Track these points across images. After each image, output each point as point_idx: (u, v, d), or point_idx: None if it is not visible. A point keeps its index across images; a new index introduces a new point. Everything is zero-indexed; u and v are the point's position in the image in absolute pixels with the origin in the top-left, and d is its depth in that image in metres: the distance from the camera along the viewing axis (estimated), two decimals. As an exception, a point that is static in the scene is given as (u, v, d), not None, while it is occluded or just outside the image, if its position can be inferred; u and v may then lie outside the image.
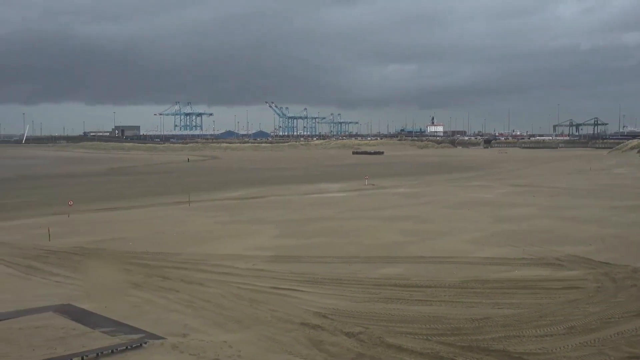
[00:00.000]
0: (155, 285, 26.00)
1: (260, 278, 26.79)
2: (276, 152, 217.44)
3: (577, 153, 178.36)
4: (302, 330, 19.54)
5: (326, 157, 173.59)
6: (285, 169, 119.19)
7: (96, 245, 35.71)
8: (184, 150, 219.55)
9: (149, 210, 52.93)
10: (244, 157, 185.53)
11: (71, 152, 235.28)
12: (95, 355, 17.30)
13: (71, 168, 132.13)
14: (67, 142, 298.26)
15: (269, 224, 42.28)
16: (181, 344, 18.26)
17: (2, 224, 46.05)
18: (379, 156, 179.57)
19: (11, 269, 29.84)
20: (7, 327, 20.10)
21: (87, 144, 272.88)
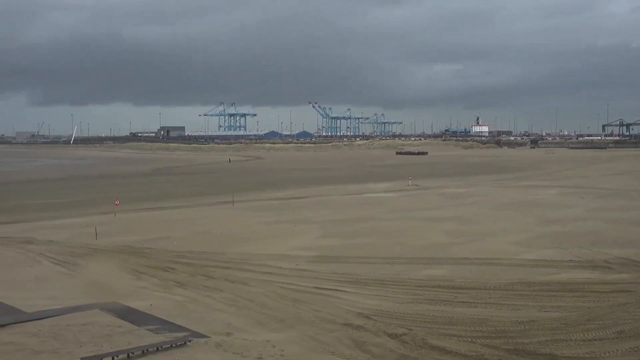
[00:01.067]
0: (199, 284, 26.23)
1: (303, 278, 26.80)
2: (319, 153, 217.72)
3: (628, 153, 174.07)
4: (345, 331, 19.47)
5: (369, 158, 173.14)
6: (328, 170, 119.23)
7: (141, 244, 36.21)
8: (227, 151, 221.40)
9: (194, 210, 53.47)
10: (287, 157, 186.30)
11: (117, 152, 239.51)
12: (140, 353, 17.51)
13: (117, 168, 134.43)
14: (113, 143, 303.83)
15: (312, 224, 42.31)
16: (225, 343, 18.36)
17: (52, 223, 47.09)
18: (423, 156, 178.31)
19: (60, 267, 30.45)
20: (55, 324, 20.50)
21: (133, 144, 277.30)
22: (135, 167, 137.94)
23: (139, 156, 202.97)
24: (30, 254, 33.83)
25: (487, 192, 64.88)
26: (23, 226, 45.41)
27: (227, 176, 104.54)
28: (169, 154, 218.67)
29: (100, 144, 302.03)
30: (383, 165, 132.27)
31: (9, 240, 38.08)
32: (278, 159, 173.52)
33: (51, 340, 18.84)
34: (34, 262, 31.79)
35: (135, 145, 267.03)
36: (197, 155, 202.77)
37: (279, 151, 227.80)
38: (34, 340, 18.81)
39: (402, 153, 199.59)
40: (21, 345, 18.44)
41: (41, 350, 17.94)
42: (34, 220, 48.74)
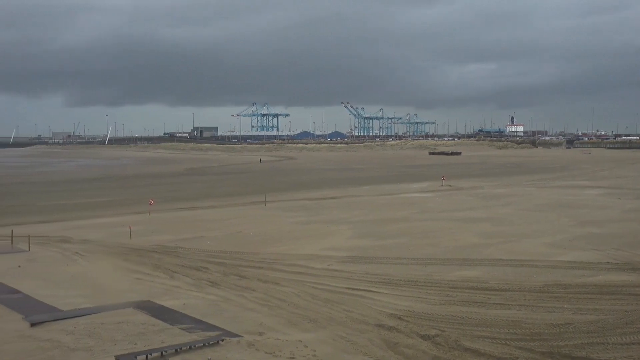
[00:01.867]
0: (232, 283, 26.36)
1: (335, 278, 26.77)
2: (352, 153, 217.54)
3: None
4: (377, 332, 19.39)
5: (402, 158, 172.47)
6: (360, 170, 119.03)
7: (175, 243, 36.52)
8: (260, 151, 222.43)
9: (226, 210, 53.79)
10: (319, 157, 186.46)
11: (151, 152, 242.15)
12: (174, 351, 17.64)
13: (151, 168, 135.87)
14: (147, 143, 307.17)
15: (344, 225, 42.27)
16: (257, 342, 18.41)
17: (87, 222, 47.77)
18: (456, 157, 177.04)
19: (95, 266, 30.83)
20: (91, 322, 20.78)
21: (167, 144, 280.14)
22: (168, 167, 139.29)
23: (172, 156, 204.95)
24: (66, 252, 34.36)
25: (521, 192, 64.15)
26: (59, 225, 46.14)
27: (259, 176, 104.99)
28: (202, 154, 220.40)
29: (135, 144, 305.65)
30: (416, 166, 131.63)
31: (46, 239, 38.71)
32: (310, 159, 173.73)
33: (86, 338, 19.10)
34: (69, 260, 32.27)
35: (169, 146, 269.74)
36: (229, 156, 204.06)
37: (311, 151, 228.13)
38: (69, 338, 19.09)
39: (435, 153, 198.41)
40: (57, 342, 18.72)
41: (77, 347, 18.19)
42: (70, 220, 49.52)
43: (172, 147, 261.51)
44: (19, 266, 30.75)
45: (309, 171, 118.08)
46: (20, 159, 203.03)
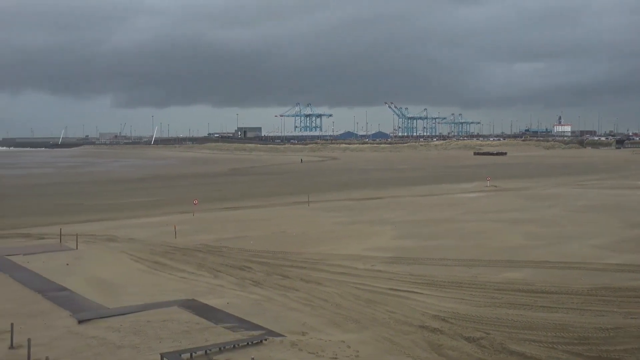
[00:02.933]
0: (275, 283, 26.44)
1: (378, 279, 26.64)
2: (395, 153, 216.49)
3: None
4: (420, 333, 19.23)
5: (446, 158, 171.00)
6: (404, 170, 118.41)
7: (219, 243, 36.82)
8: (303, 151, 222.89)
9: (270, 210, 54.04)
10: (362, 158, 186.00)
11: (196, 152, 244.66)
12: (217, 350, 17.75)
13: (196, 168, 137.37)
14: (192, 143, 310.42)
15: (388, 225, 42.05)
16: (300, 342, 18.41)
17: (133, 221, 48.52)
18: (502, 157, 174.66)
19: (140, 265, 31.30)
20: (137, 320, 21.06)
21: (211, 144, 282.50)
22: (213, 167, 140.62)
23: (216, 156, 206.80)
24: (113, 251, 34.95)
25: (569, 193, 62.95)
26: (106, 224, 46.96)
27: (302, 176, 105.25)
28: (245, 154, 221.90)
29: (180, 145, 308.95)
30: (460, 166, 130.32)
31: (93, 238, 39.43)
32: (354, 160, 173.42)
33: (132, 335, 19.36)
34: (115, 259, 32.80)
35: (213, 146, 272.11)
36: (273, 156, 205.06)
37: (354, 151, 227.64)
38: (116, 335, 19.38)
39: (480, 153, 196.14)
40: (104, 339, 19.02)
41: (123, 345, 18.45)
42: (117, 219, 50.36)
43: (216, 148, 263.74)
44: (67, 264, 31.38)
45: (352, 171, 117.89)
46: (68, 159, 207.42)
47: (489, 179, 78.46)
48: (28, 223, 48.97)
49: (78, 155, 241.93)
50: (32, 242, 39.19)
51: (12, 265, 31.28)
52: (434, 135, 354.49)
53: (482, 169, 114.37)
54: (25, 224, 48.24)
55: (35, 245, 37.64)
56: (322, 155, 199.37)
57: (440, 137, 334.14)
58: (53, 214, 54.70)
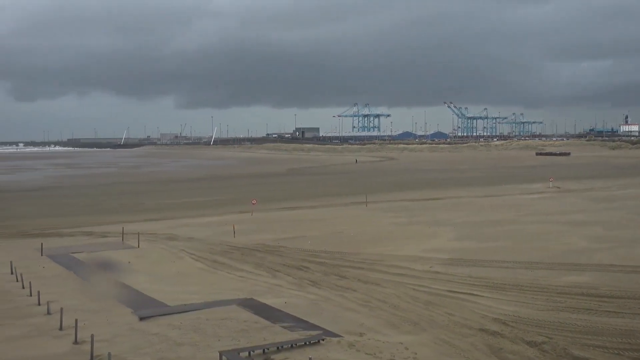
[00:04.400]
0: (332, 283, 26.42)
1: (437, 281, 26.33)
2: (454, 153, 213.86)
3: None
4: (480, 336, 18.90)
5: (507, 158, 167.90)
6: (463, 171, 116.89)
7: (277, 242, 37.02)
8: (361, 152, 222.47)
9: (327, 210, 54.07)
10: (421, 158, 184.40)
11: (254, 153, 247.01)
12: (275, 349, 17.83)
13: (254, 168, 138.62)
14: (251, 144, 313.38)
15: (447, 226, 41.53)
16: (357, 343, 18.33)
17: (193, 220, 49.23)
18: (565, 157, 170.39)
19: (200, 263, 31.73)
20: (196, 318, 21.34)
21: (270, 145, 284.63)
22: (271, 167, 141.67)
23: (275, 156, 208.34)
24: (173, 250, 35.52)
25: (636, 195, 60.96)
26: (167, 223, 47.78)
27: (360, 177, 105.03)
28: (303, 154, 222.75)
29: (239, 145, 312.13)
30: (522, 167, 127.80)
31: (154, 237, 40.17)
32: (412, 160, 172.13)
33: (192, 333, 19.63)
34: (176, 258, 33.34)
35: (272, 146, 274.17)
36: (330, 156, 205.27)
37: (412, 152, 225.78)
38: (176, 333, 19.67)
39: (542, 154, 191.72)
40: (165, 336, 19.33)
41: (182, 342, 18.71)
42: (177, 218, 51.19)
43: (274, 148, 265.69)
44: (129, 262, 32.06)
45: (410, 172, 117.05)
46: (130, 159, 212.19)
47: (551, 179, 76.61)
48: (91, 221, 50.26)
49: (139, 155, 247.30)
50: (95, 240, 40.19)
51: (77, 263, 32.14)
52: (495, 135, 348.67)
53: (544, 169, 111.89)
54: (89, 223, 49.53)
55: (98, 244, 38.60)
56: (380, 156, 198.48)
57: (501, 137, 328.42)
58: (115, 213, 56.03)
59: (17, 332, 20.23)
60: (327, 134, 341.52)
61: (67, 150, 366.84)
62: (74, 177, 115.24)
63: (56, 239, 40.78)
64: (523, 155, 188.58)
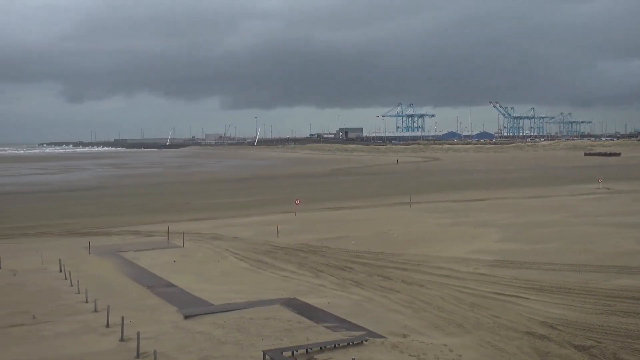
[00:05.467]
0: (376, 284, 26.28)
1: (482, 282, 25.98)
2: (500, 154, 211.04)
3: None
4: (527, 340, 18.56)
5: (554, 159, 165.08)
6: (509, 171, 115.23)
7: (320, 243, 37.01)
8: (405, 152, 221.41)
9: (371, 211, 53.86)
10: (466, 158, 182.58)
11: (298, 153, 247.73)
12: (319, 349, 17.81)
13: (298, 169, 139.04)
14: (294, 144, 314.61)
15: (492, 228, 40.97)
16: (401, 344, 18.19)
17: (238, 220, 49.57)
18: (615, 158, 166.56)
19: (244, 263, 31.91)
20: (240, 317, 21.45)
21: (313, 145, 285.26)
22: (314, 167, 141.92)
23: (318, 157, 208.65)
24: (217, 249, 35.81)
25: (688, 196, 59.25)
26: (211, 223, 48.20)
27: (404, 177, 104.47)
28: (347, 154, 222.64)
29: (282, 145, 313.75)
30: (569, 167, 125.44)
31: (199, 236, 40.55)
32: (456, 160, 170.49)
33: (235, 332, 19.73)
34: (220, 257, 33.60)
35: (315, 146, 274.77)
36: (374, 156, 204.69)
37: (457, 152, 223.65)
38: (220, 331, 19.81)
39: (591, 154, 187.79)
40: (209, 335, 19.49)
41: (226, 341, 18.83)
42: (221, 218, 51.60)
43: (317, 148, 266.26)
44: (174, 261, 32.44)
45: (455, 172, 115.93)
46: (176, 159, 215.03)
47: (600, 180, 74.98)
48: (138, 221, 51.04)
49: (185, 156, 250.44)
50: (141, 239, 40.78)
51: (124, 262, 32.66)
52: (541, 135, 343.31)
53: (593, 170, 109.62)
54: (135, 222, 50.30)
55: (144, 242, 39.15)
56: (424, 156, 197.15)
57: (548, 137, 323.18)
58: (161, 212, 56.78)
59: (66, 329, 20.63)
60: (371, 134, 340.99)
61: (114, 150, 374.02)
62: (121, 177, 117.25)
63: (104, 238, 41.55)
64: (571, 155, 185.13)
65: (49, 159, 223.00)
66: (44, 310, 23.03)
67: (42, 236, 43.96)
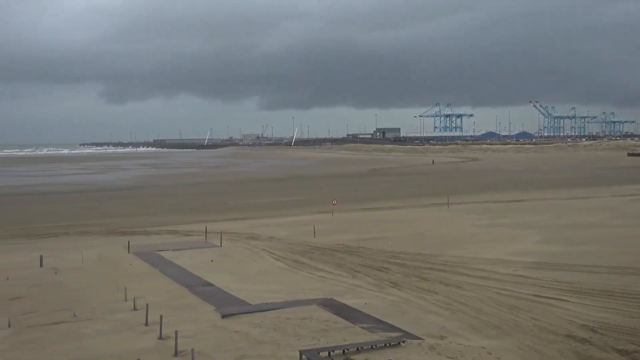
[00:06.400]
0: (413, 285, 26.11)
1: (521, 284, 25.61)
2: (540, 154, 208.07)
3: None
4: (567, 343, 18.24)
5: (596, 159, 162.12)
6: (550, 172, 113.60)
7: (357, 243, 36.92)
8: (443, 152, 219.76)
9: (408, 211, 53.59)
10: (505, 158, 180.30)
11: (335, 153, 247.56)
12: (355, 350, 17.75)
13: (334, 169, 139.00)
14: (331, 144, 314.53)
15: (531, 229, 40.39)
16: (439, 346, 18.02)
17: (274, 220, 49.77)
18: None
19: (281, 263, 31.99)
20: (277, 317, 21.50)
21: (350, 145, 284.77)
22: (351, 168, 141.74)
23: (355, 157, 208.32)
24: (254, 249, 35.97)
25: None
26: (248, 223, 48.48)
27: (442, 177, 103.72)
28: (384, 155, 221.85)
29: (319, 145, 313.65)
30: (612, 168, 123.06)
31: (236, 236, 40.80)
32: (496, 161, 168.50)
33: (272, 331, 19.78)
34: (257, 257, 33.74)
35: (352, 147, 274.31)
36: (411, 157, 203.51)
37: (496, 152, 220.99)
38: (257, 331, 19.87)
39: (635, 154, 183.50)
40: (246, 334, 19.57)
41: (263, 340, 18.88)
42: (258, 218, 51.87)
43: (354, 148, 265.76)
44: (212, 260, 32.68)
45: (493, 173, 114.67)
46: (213, 159, 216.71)
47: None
48: (176, 220, 51.59)
49: (222, 156, 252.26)
50: (179, 239, 41.19)
51: (162, 261, 33.01)
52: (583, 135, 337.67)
53: (636, 170, 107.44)
54: (174, 221, 50.84)
55: (182, 242, 39.54)
56: (463, 156, 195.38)
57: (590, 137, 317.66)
58: (199, 212, 57.29)
59: (106, 327, 20.92)
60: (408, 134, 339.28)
61: (153, 150, 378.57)
62: (159, 177, 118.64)
63: (142, 237, 42.07)
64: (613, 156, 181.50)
65: (90, 159, 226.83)
66: (85, 308, 23.41)
67: (83, 235, 44.73)
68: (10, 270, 30.30)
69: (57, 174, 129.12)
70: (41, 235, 44.82)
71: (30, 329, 20.89)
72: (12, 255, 35.41)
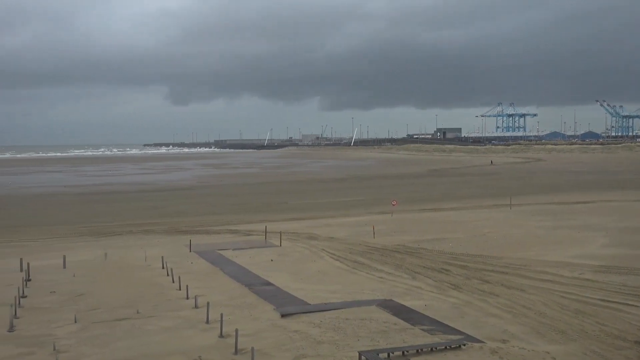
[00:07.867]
0: (474, 287, 25.68)
1: (587, 288, 24.89)
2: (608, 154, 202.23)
3: None
4: (636, 350, 17.63)
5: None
6: (617, 172, 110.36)
7: (417, 244, 36.58)
8: (505, 152, 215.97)
9: (469, 212, 52.83)
10: (570, 159, 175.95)
11: (394, 154, 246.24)
12: (415, 352, 17.55)
13: (394, 169, 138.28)
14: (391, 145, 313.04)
15: (597, 232, 39.25)
16: (500, 350, 17.65)
17: (333, 220, 49.78)
18: None
19: (340, 263, 31.93)
20: (336, 317, 21.45)
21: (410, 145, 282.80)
22: (411, 168, 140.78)
23: (415, 157, 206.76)
24: (313, 249, 36.01)
25: None
26: (308, 223, 48.62)
27: (504, 178, 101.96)
28: (444, 155, 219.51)
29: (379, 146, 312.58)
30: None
31: (296, 236, 40.95)
32: (560, 161, 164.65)
33: (331, 331, 19.74)
34: (316, 257, 33.76)
35: (412, 147, 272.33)
36: (473, 157, 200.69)
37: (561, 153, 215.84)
38: (316, 331, 19.86)
39: None
40: (305, 334, 19.58)
41: (322, 340, 18.85)
42: (318, 218, 51.97)
43: (414, 149, 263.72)
44: (272, 260, 32.87)
45: (558, 173, 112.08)
46: (273, 159, 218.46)
47: None
48: (236, 220, 52.16)
49: (282, 156, 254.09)
50: (240, 238, 41.59)
51: (223, 260, 33.38)
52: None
53: None
54: (234, 221, 51.41)
55: (243, 241, 39.92)
56: (526, 157, 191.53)
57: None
58: (259, 212, 57.79)
59: (169, 324, 21.24)
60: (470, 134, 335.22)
61: (214, 151, 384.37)
62: (220, 177, 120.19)
63: (204, 236, 42.66)
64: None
65: (153, 159, 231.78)
66: (148, 305, 23.84)
67: (146, 233, 45.66)
68: (76, 267, 31.15)
69: (122, 174, 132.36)
70: (106, 234, 45.99)
71: (95, 324, 21.39)
72: (78, 253, 36.38)
